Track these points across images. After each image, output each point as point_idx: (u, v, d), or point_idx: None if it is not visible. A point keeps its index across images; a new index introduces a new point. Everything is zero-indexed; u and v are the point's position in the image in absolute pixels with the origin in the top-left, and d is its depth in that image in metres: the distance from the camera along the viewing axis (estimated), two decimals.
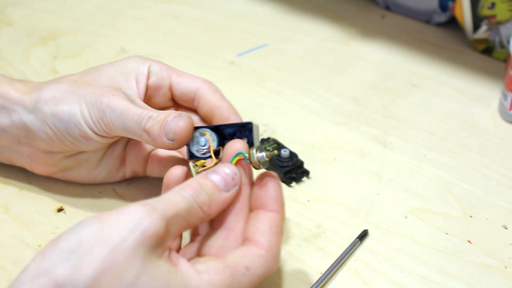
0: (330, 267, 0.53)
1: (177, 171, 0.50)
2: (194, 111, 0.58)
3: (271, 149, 0.49)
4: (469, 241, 0.57)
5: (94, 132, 0.54)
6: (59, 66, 0.77)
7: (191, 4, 0.90)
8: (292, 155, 0.63)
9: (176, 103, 0.59)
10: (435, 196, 0.61)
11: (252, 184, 0.49)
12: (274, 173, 0.49)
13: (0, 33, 0.82)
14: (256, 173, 0.50)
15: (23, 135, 0.56)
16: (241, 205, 0.48)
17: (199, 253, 0.47)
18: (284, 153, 0.62)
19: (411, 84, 0.76)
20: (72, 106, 0.53)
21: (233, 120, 0.54)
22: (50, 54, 0.79)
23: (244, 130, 0.52)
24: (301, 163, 0.63)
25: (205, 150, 0.52)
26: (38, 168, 0.58)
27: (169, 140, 0.51)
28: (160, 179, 0.61)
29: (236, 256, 0.45)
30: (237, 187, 0.47)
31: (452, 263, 0.55)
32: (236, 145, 0.49)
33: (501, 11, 0.75)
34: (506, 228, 0.58)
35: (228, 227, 0.47)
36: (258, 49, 0.81)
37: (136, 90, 0.55)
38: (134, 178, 0.61)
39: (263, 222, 0.46)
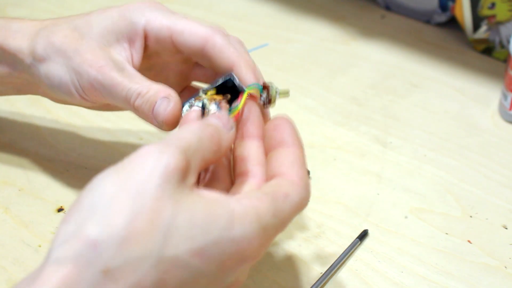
0: (330, 267, 0.53)
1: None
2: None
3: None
4: (469, 241, 0.57)
5: (87, 100, 0.52)
6: None
7: (191, 4, 0.89)
8: None
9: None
10: (435, 196, 0.61)
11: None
12: (284, 114, 0.46)
13: None
14: None
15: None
16: (258, 153, 0.46)
17: None
18: None
19: (411, 84, 0.76)
20: (62, 72, 0.51)
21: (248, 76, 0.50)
22: None
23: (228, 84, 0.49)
24: None
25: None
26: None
27: (159, 123, 0.48)
28: None
29: (272, 184, 0.42)
30: (233, 130, 0.44)
31: (452, 263, 0.55)
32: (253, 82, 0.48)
33: (501, 11, 0.75)
34: (506, 228, 0.58)
35: (251, 175, 0.44)
36: (258, 49, 0.81)
37: (129, 52, 0.51)
38: None
39: (286, 156, 0.44)
